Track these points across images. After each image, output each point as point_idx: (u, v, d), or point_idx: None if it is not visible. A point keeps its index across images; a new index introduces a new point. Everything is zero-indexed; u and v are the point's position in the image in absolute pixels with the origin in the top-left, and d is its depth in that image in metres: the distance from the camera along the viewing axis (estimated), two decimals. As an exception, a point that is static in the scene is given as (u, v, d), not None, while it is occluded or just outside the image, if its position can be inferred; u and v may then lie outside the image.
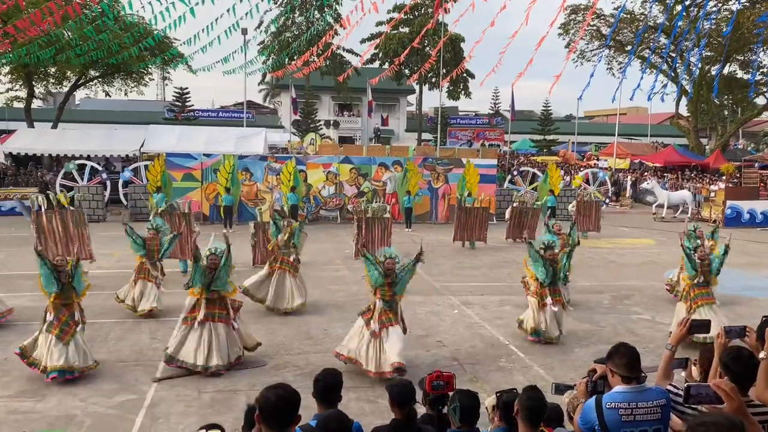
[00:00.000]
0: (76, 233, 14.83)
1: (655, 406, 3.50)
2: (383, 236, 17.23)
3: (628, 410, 3.46)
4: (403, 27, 47.87)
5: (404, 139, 57.06)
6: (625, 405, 3.46)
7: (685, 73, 41.97)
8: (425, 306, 12.30)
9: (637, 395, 3.50)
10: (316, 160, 25.90)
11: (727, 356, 3.62)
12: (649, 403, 3.49)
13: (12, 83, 37.44)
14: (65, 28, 22.27)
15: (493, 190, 25.86)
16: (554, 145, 54.76)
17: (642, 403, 3.48)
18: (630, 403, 3.47)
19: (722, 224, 25.38)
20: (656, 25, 36.61)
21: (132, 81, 39.75)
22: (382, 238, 17.21)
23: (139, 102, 57.61)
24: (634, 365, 3.58)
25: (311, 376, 4.14)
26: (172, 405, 7.55)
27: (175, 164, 23.47)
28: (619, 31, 41.00)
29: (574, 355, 9.61)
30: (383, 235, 17.26)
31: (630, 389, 3.51)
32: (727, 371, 3.55)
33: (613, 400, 3.49)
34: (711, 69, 40.90)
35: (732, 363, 3.55)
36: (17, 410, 7.32)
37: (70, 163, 25.96)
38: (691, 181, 35.87)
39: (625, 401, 3.47)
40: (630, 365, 3.57)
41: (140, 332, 10.41)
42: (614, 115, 45.42)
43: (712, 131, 52.87)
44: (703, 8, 34.63)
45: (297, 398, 3.24)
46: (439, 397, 4.04)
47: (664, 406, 3.53)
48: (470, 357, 9.42)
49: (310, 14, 46.63)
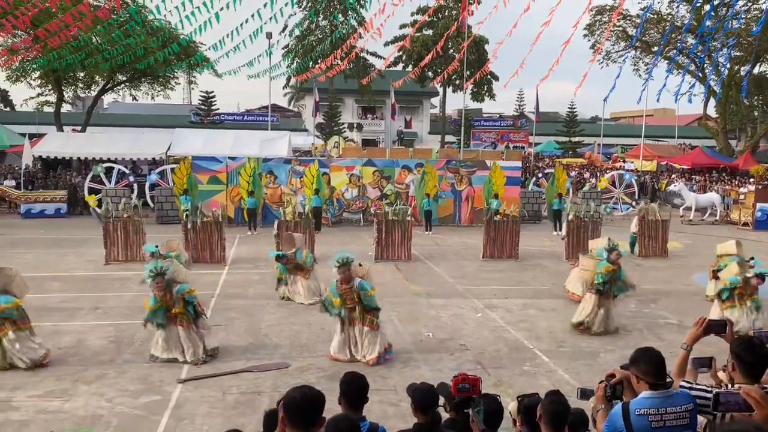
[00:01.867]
0: (135, 240, 16.58)
1: (683, 411, 3.43)
2: (403, 239, 17.24)
3: (657, 416, 3.40)
4: (426, 29, 47.84)
5: (427, 142, 57.01)
6: (654, 411, 3.40)
7: (713, 74, 41.34)
8: (448, 309, 12.25)
9: (665, 401, 3.44)
10: (340, 163, 25.96)
11: (738, 346, 3.59)
12: (678, 408, 3.43)
13: (42, 88, 38.17)
14: (93, 33, 22.62)
15: (517, 192, 25.68)
16: (579, 147, 54.28)
17: (671, 408, 3.42)
18: (659, 409, 3.41)
19: (752, 227, 24.95)
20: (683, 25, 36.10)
21: (159, 85, 40.30)
22: (402, 241, 17.23)
23: (166, 106, 58.38)
24: (660, 371, 3.52)
25: (334, 379, 4.15)
26: (196, 406, 7.61)
27: (200, 167, 23.69)
28: (645, 31, 40.51)
29: (600, 359, 9.49)
30: (403, 238, 17.26)
31: (657, 395, 3.45)
32: (739, 361, 3.53)
33: (642, 407, 3.43)
34: (740, 69, 40.20)
35: (744, 353, 3.53)
36: (46, 410, 7.43)
37: (98, 166, 26.34)
38: (719, 183, 35.27)
39: (654, 407, 3.41)
40: (656, 372, 3.51)
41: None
42: (640, 116, 44.84)
43: (741, 132, 51.92)
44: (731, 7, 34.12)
45: (322, 399, 3.24)
46: (464, 400, 4.01)
47: (692, 410, 3.46)
48: (494, 361, 9.35)
49: (334, 18, 46.83)
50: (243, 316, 11.56)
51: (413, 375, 8.34)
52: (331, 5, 47.10)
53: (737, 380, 3.56)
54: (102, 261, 16.24)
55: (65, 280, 14.15)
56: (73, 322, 11.00)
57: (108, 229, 16.47)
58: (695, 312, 11.77)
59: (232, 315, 11.62)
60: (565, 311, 12.20)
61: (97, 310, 11.87)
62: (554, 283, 14.73)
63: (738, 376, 3.56)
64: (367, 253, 18.30)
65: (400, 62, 49.39)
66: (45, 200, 25.84)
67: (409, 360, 9.30)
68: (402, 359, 9.30)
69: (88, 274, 15.09)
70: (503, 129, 57.09)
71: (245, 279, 14.66)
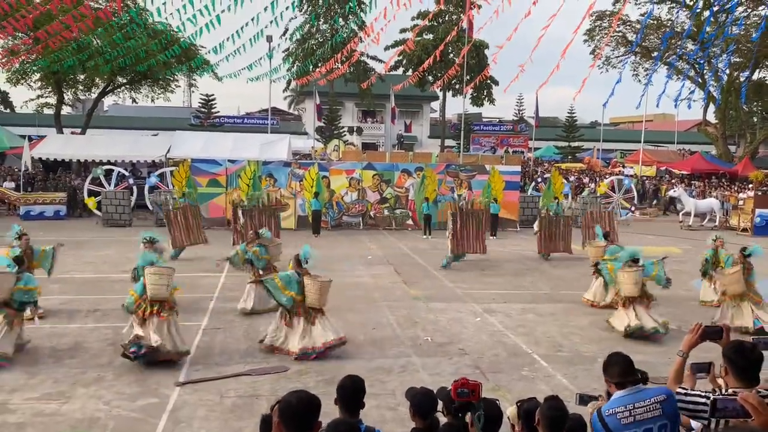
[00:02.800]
0: (194, 223, 18.23)
1: (653, 403, 3.54)
2: (478, 232, 17.21)
3: (625, 413, 3.53)
4: (427, 33, 47.89)
5: (427, 146, 57.01)
6: (622, 408, 3.54)
7: (712, 79, 41.41)
8: (447, 313, 12.24)
9: (633, 396, 3.57)
10: (339, 167, 25.99)
11: (730, 350, 3.65)
12: (647, 401, 3.54)
13: (42, 90, 38.16)
14: (94, 35, 22.64)
15: (516, 196, 25.69)
16: (579, 152, 54.30)
17: (639, 402, 3.54)
18: (627, 406, 3.54)
19: (751, 232, 24.96)
20: (683, 31, 36.18)
21: (159, 88, 40.27)
22: (477, 234, 17.20)
23: (166, 108, 58.39)
24: (627, 371, 3.67)
25: (332, 383, 4.15)
26: (194, 409, 7.59)
27: (200, 170, 23.70)
28: (645, 37, 40.59)
29: (597, 365, 9.41)
30: (478, 230, 17.18)
31: (625, 393, 3.60)
32: (731, 365, 3.59)
33: (610, 407, 3.59)
34: (739, 75, 40.28)
35: (735, 356, 3.58)
36: (42, 412, 7.41)
37: (98, 169, 26.37)
38: (718, 189, 35.30)
39: (622, 405, 3.55)
40: (622, 372, 3.66)
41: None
42: (640, 122, 44.91)
43: (740, 138, 51.99)
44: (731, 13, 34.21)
45: (317, 403, 3.24)
46: (463, 405, 4.01)
47: (663, 401, 3.55)
48: (493, 365, 9.34)
49: (334, 21, 46.89)
50: (242, 319, 11.55)
51: (412, 379, 8.33)
52: (332, 9, 47.16)
53: (731, 384, 3.60)
54: (101, 263, 16.24)
55: (65, 282, 14.12)
56: (71, 325, 10.99)
57: (170, 217, 17.89)
58: (693, 318, 11.77)
59: (231, 318, 11.62)
60: (564, 316, 12.21)
61: (95, 312, 11.86)
62: (552, 288, 14.74)
63: (731, 380, 3.60)
64: (367, 257, 18.32)
65: (400, 66, 49.44)
66: (44, 202, 25.85)
67: (408, 364, 9.28)
68: (400, 363, 9.29)
69: (87, 276, 15.08)
70: (503, 134, 57.15)
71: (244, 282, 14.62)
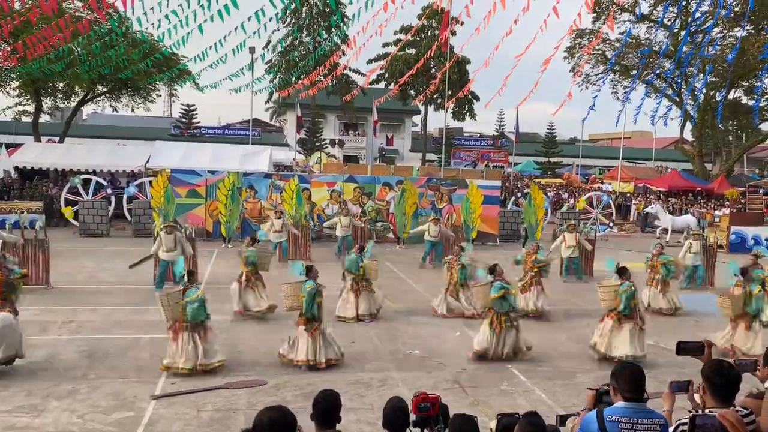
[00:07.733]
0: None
1: (654, 424, 3.56)
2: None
3: (628, 425, 3.54)
4: (409, 48, 48.20)
5: (409, 159, 57.26)
6: (626, 420, 3.55)
7: (689, 98, 42.10)
8: (427, 327, 12.23)
9: (638, 412, 3.59)
10: (321, 179, 25.94)
11: (709, 369, 3.68)
12: (649, 421, 3.56)
13: (20, 97, 37.71)
14: (74, 44, 22.45)
15: (496, 211, 25.80)
16: (558, 168, 54.86)
17: (643, 420, 3.56)
18: (630, 419, 3.56)
19: (727, 250, 25.29)
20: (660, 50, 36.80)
21: (139, 97, 40.01)
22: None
23: (146, 118, 58.08)
24: (638, 387, 3.67)
25: (311, 397, 4.10)
26: (170, 423, 7.48)
27: (179, 180, 23.50)
28: (624, 55, 41.21)
29: (576, 379, 9.52)
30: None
31: (631, 406, 3.61)
32: (709, 384, 3.62)
33: (615, 414, 3.59)
34: (716, 94, 41.02)
35: (713, 375, 3.62)
36: (14, 426, 7.26)
37: (76, 178, 26.01)
38: (695, 205, 35.78)
39: (626, 416, 3.57)
40: (633, 388, 3.66)
41: (140, 349, 10.35)
42: (619, 138, 45.51)
43: (716, 156, 52.89)
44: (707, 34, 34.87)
45: (291, 420, 3.19)
46: (424, 419, 4.00)
47: (663, 425, 3.60)
48: (472, 380, 9.34)
49: (318, 34, 47.03)
50: (219, 333, 11.41)
51: (391, 393, 8.23)
52: (314, 22, 47.31)
53: (708, 403, 3.63)
54: (77, 273, 16.03)
55: (39, 293, 13.90)
56: (45, 336, 10.81)
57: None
58: (671, 333, 11.88)
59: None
60: (542, 331, 12.25)
61: (70, 323, 11.68)
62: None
63: (709, 399, 3.62)
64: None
65: (382, 80, 49.70)
66: (20, 211, 25.40)
67: (387, 378, 9.25)
68: (380, 377, 9.25)
69: (63, 287, 14.84)
70: (483, 148, 57.66)
71: (222, 294, 14.50)
